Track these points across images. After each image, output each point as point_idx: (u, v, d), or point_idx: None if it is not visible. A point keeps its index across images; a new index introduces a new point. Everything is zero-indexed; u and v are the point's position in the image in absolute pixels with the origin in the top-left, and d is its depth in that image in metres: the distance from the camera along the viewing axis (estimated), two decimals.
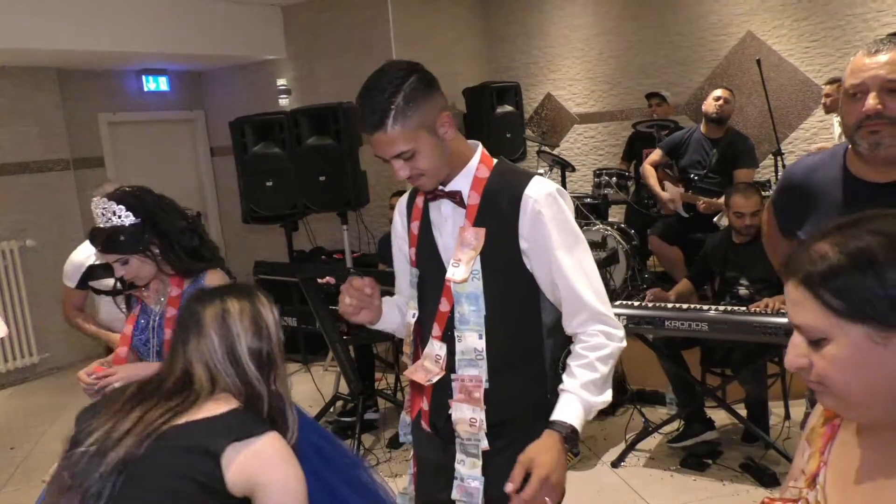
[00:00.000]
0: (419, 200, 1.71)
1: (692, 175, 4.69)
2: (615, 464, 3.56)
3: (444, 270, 1.61)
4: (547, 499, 1.42)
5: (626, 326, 3.30)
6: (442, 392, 1.64)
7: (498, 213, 1.57)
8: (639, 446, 3.67)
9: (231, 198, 6.79)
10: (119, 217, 1.99)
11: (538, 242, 1.55)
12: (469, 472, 1.59)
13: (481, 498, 1.58)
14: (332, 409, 4.31)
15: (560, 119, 6.99)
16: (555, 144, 6.41)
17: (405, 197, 1.79)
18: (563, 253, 1.54)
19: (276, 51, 6.46)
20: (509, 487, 1.42)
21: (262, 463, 1.38)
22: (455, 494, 1.60)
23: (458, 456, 1.61)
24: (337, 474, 2.02)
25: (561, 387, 1.54)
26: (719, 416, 3.74)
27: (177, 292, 2.10)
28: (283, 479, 1.40)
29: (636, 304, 3.47)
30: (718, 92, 4.61)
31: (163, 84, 6.81)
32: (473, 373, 1.59)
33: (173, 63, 6.57)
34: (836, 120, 5.17)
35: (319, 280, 3.90)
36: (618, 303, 3.54)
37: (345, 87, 5.90)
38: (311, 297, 3.90)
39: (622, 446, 3.68)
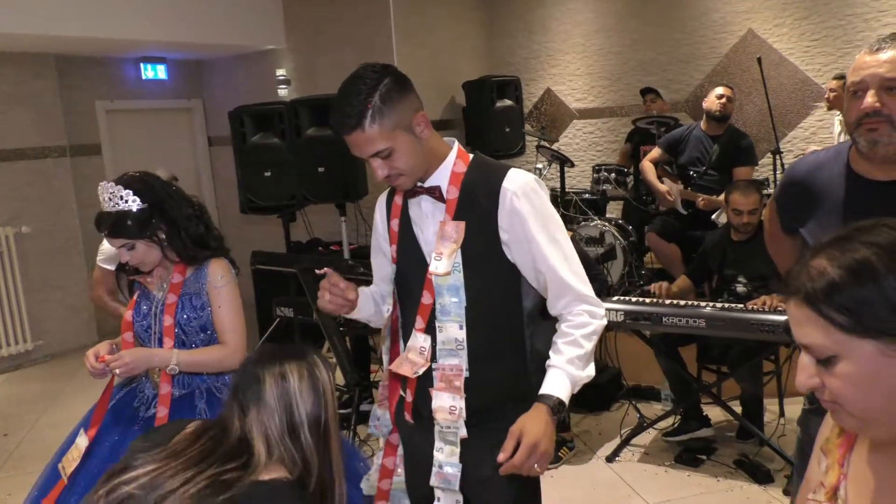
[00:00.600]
0: (398, 198, 1.74)
1: (691, 172, 4.69)
2: (610, 458, 3.56)
3: (426, 265, 1.65)
4: (536, 466, 1.49)
5: (623, 322, 3.33)
6: (426, 382, 1.68)
7: (477, 206, 1.61)
8: (633, 441, 3.68)
9: (228, 188, 6.77)
10: (126, 202, 1.98)
11: (518, 233, 1.60)
12: (447, 460, 1.63)
13: (458, 484, 1.63)
14: None
15: (559, 114, 6.98)
16: (554, 139, 6.41)
17: (384, 195, 1.81)
18: (543, 240, 1.60)
19: (275, 41, 6.43)
20: (501, 457, 1.48)
21: None
22: (433, 481, 1.64)
23: (437, 444, 1.65)
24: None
25: (548, 363, 1.60)
26: (714, 413, 3.76)
27: (179, 279, 2.09)
28: None
29: (634, 299, 3.47)
30: (721, 90, 4.61)
31: (161, 72, 6.77)
32: (454, 362, 1.63)
33: (172, 51, 6.54)
34: (837, 118, 5.17)
35: (317, 271, 3.89)
36: (615, 298, 3.55)
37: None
38: (308, 288, 3.90)
39: (617, 441, 3.68)
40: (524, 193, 1.60)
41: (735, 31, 6.01)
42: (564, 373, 1.57)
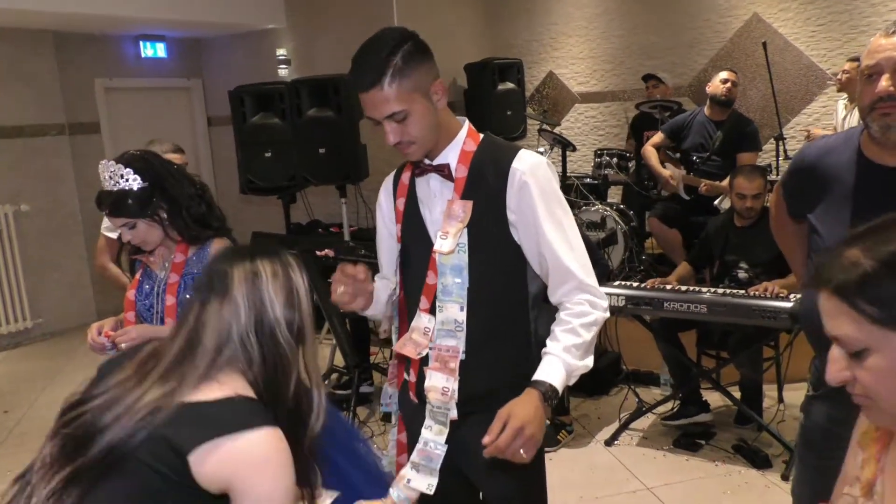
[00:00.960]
0: (405, 177, 1.72)
1: (694, 157, 4.66)
2: (608, 442, 3.58)
3: (431, 245, 1.62)
4: (522, 451, 1.45)
5: (624, 307, 3.33)
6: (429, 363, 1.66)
7: (485, 185, 1.59)
8: (632, 426, 3.69)
9: (227, 168, 6.74)
10: (127, 180, 1.97)
11: (525, 214, 1.57)
12: (434, 438, 1.62)
13: (439, 465, 1.60)
14: (326, 382, 4.31)
15: (561, 98, 6.94)
16: (555, 123, 6.37)
17: (390, 176, 1.80)
18: (549, 225, 1.57)
19: (276, 20, 6.37)
20: (486, 439, 1.45)
21: (243, 468, 1.21)
22: (415, 456, 1.61)
23: (427, 422, 1.63)
24: (336, 444, 2.02)
25: (544, 350, 1.57)
26: (713, 398, 3.77)
27: (181, 259, 2.08)
28: (266, 494, 1.22)
29: (635, 284, 3.46)
30: (725, 74, 4.58)
31: (160, 51, 6.72)
32: (451, 343, 1.61)
33: (172, 29, 6.48)
34: (841, 102, 5.13)
35: (318, 252, 3.88)
36: (616, 283, 3.54)
37: (345, 60, 5.72)
38: (308, 270, 3.88)
39: (616, 425, 3.69)
40: (533, 174, 1.57)
41: (740, 14, 5.96)
42: (560, 360, 1.54)
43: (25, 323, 5.72)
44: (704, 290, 3.28)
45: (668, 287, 3.36)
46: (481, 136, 1.66)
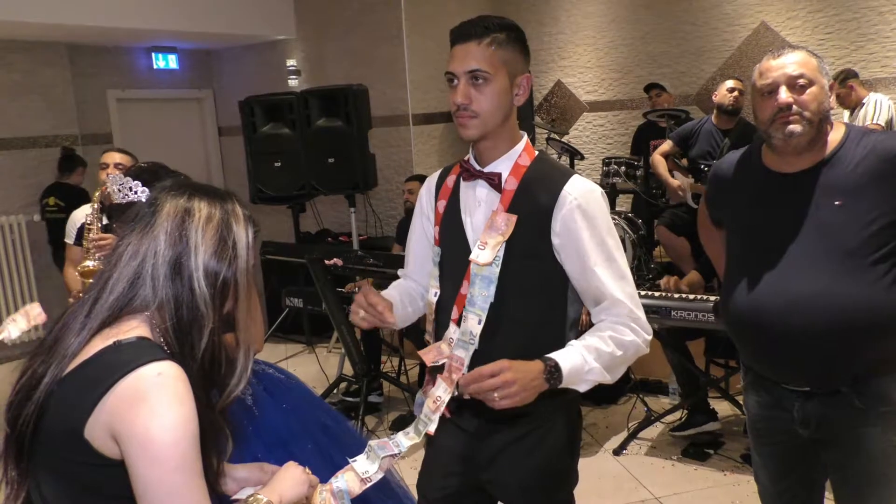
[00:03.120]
0: (450, 180, 1.69)
1: (702, 166, 4.66)
2: (617, 451, 3.57)
3: (468, 253, 1.58)
4: (496, 395, 1.39)
5: None
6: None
7: (533, 203, 1.55)
8: (641, 435, 3.69)
9: (238, 178, 6.79)
10: (136, 193, 2.00)
11: (572, 241, 1.53)
12: (402, 440, 1.53)
13: (385, 457, 1.51)
14: (335, 391, 4.33)
15: (570, 107, 6.96)
16: (564, 132, 6.39)
17: (435, 175, 1.77)
18: (598, 255, 1.53)
19: (286, 31, 6.43)
20: (474, 372, 1.41)
21: (125, 406, 1.05)
22: (373, 441, 1.54)
23: (409, 427, 1.57)
24: (344, 454, 2.03)
25: (568, 343, 1.54)
26: (722, 407, 3.76)
27: None
28: (158, 428, 1.04)
29: (642, 292, 3.47)
30: (732, 83, 4.58)
31: (172, 62, 6.79)
32: (461, 355, 1.56)
33: (183, 41, 6.55)
34: (845, 113, 5.14)
35: (327, 262, 3.91)
36: None
37: (354, 70, 5.89)
38: (318, 279, 3.91)
39: (624, 434, 3.69)
40: (586, 202, 1.54)
41: (747, 23, 5.97)
42: (578, 352, 1.49)
43: (37, 332, 5.76)
44: (712, 298, 3.28)
45: (676, 296, 3.36)
46: (537, 152, 1.64)
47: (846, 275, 1.70)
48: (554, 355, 1.47)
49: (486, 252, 1.54)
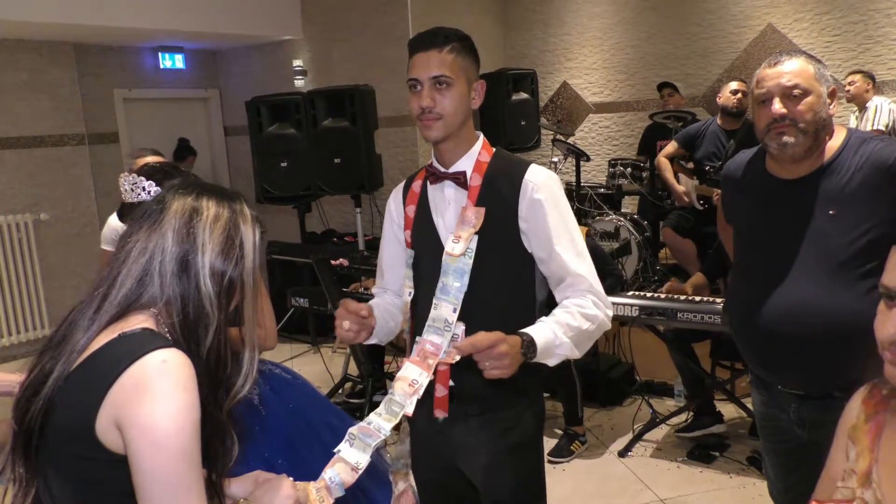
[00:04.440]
0: (416, 185, 1.79)
1: (707, 167, 4.66)
2: (622, 453, 3.57)
3: (442, 251, 1.66)
4: (488, 364, 1.45)
5: (637, 317, 3.33)
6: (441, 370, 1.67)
7: (498, 194, 1.67)
8: (646, 437, 3.68)
9: (243, 178, 6.81)
10: (148, 192, 2.00)
11: (537, 224, 1.65)
12: (380, 422, 1.56)
13: (375, 445, 1.52)
14: (340, 391, 4.33)
15: (575, 108, 6.95)
16: (570, 133, 6.38)
17: (401, 185, 1.87)
18: (560, 235, 1.65)
19: (292, 32, 6.44)
20: (470, 339, 1.46)
21: (128, 394, 1.05)
22: (354, 429, 1.54)
23: (380, 408, 1.58)
24: None
25: (539, 319, 1.61)
26: (728, 410, 3.75)
27: None
28: (162, 415, 1.03)
29: (648, 294, 3.46)
30: (735, 85, 4.58)
31: (179, 62, 6.80)
32: (437, 340, 1.62)
33: (190, 41, 6.56)
34: (853, 115, 5.13)
35: (333, 262, 3.91)
36: (630, 293, 3.54)
37: (360, 71, 5.89)
38: (323, 279, 3.91)
39: (629, 436, 3.68)
40: (546, 186, 1.66)
41: (754, 25, 5.96)
42: (548, 326, 1.57)
43: (44, 331, 5.78)
44: (718, 300, 3.27)
45: (682, 297, 3.36)
46: (494, 149, 1.75)
47: (837, 286, 1.72)
48: (528, 330, 1.55)
49: (459, 245, 1.64)
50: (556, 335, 1.57)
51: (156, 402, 1.03)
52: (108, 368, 1.07)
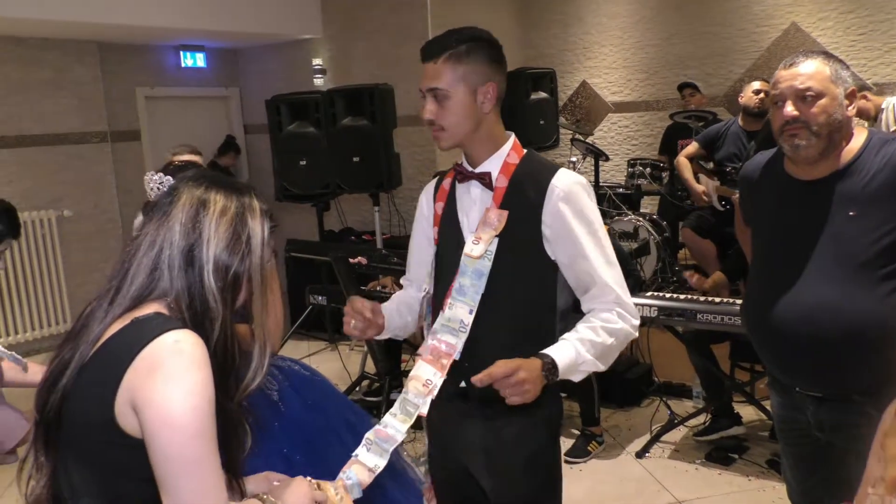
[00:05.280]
0: (446, 183, 1.78)
1: (728, 168, 4.62)
2: (640, 454, 3.55)
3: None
4: (508, 391, 1.46)
5: (656, 318, 3.31)
6: (456, 368, 1.64)
7: (523, 198, 1.63)
8: (664, 438, 3.66)
9: (262, 176, 6.84)
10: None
11: (561, 230, 1.61)
12: (395, 424, 1.56)
13: (391, 450, 1.54)
14: (357, 389, 4.35)
15: (595, 107, 6.92)
16: (589, 133, 6.35)
17: (433, 181, 1.86)
18: (587, 242, 1.61)
19: (312, 30, 6.47)
20: (487, 372, 1.46)
21: (145, 374, 1.05)
22: (370, 434, 1.56)
23: (394, 409, 1.59)
24: None
25: (561, 337, 1.60)
26: (747, 412, 3.72)
27: None
28: (163, 394, 1.04)
29: (667, 295, 3.44)
30: (757, 85, 4.53)
31: (200, 60, 6.85)
32: (451, 340, 1.62)
33: (211, 40, 6.61)
34: (866, 124, 5.07)
35: (351, 260, 3.92)
36: (649, 294, 3.52)
37: (379, 69, 5.90)
38: (342, 276, 3.93)
39: (647, 437, 3.67)
40: (572, 192, 1.62)
41: (777, 24, 5.90)
42: (571, 345, 1.56)
43: (66, 325, 5.85)
44: (738, 301, 3.25)
45: (701, 298, 3.34)
46: (525, 151, 1.72)
47: (857, 287, 1.71)
48: (549, 352, 1.54)
49: (479, 246, 1.62)
50: (578, 353, 1.55)
51: (170, 382, 1.04)
52: (123, 352, 1.09)
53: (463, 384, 1.66)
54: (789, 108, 1.75)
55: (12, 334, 5.52)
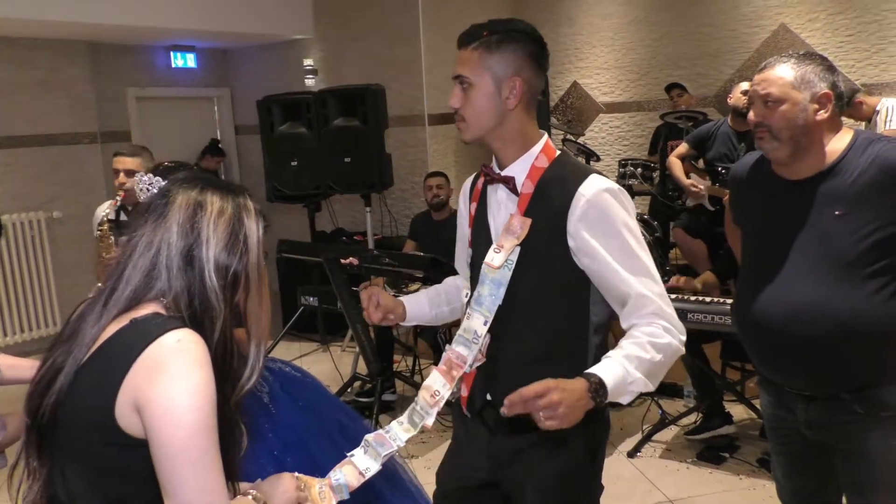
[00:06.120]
0: (480, 183, 1.71)
1: (719, 168, 4.64)
2: (631, 454, 3.56)
3: None
4: (542, 415, 1.31)
5: None
6: (482, 379, 1.61)
7: (548, 206, 1.53)
8: (655, 437, 3.67)
9: (254, 176, 6.83)
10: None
11: (588, 241, 1.50)
12: (398, 432, 1.54)
13: (388, 455, 1.51)
14: (349, 390, 4.35)
15: (586, 108, 6.94)
16: (580, 133, 6.38)
17: (470, 179, 1.79)
18: (618, 253, 1.49)
19: (304, 31, 6.46)
20: (519, 393, 1.32)
21: (148, 374, 1.06)
22: (370, 437, 1.54)
23: (402, 417, 1.57)
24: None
25: (605, 355, 1.48)
26: (738, 411, 3.74)
27: None
28: (180, 391, 1.05)
29: None
30: (745, 85, 4.55)
31: (191, 61, 6.84)
32: (462, 352, 1.57)
33: (202, 40, 6.60)
34: (863, 126, 5.09)
35: (343, 260, 3.92)
36: None
37: (371, 70, 5.90)
38: (333, 277, 3.92)
39: (639, 437, 3.68)
40: (599, 201, 1.49)
41: (767, 25, 5.93)
42: (618, 362, 1.42)
43: (56, 328, 5.83)
44: (728, 301, 3.26)
45: (692, 298, 3.35)
46: (557, 152, 1.60)
47: (844, 286, 1.72)
48: (595, 370, 1.40)
49: (500, 255, 1.53)
50: (626, 371, 1.41)
51: (174, 381, 1.06)
52: (123, 353, 1.09)
53: (489, 396, 1.61)
54: (751, 114, 1.82)
55: (1, 337, 5.50)
